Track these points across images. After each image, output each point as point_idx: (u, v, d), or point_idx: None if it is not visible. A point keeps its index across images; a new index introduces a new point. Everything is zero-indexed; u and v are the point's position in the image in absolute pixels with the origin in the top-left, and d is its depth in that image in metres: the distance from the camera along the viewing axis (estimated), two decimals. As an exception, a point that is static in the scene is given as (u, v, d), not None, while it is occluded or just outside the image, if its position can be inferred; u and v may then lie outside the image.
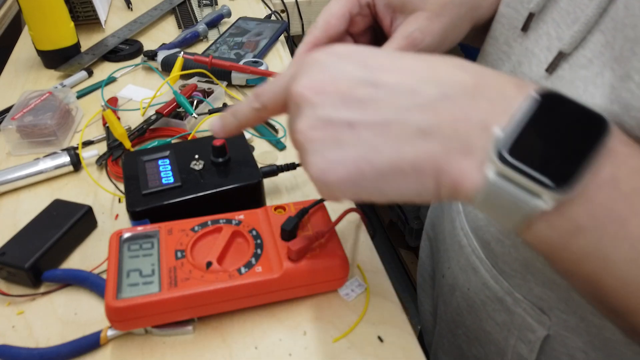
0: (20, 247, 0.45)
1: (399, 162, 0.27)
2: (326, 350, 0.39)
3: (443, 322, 0.54)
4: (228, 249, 0.42)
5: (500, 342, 0.44)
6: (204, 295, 0.38)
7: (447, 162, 0.26)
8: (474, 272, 0.45)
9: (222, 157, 0.49)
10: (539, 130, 0.24)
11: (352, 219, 0.50)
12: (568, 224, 0.25)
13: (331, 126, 0.28)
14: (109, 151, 0.59)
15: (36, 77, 0.78)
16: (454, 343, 0.52)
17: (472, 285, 0.46)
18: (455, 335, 0.51)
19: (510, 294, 0.41)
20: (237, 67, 0.70)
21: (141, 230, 0.42)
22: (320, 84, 0.29)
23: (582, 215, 0.24)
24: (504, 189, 0.25)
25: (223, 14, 0.92)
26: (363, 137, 0.27)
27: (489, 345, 0.46)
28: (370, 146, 0.27)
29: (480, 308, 0.45)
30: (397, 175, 0.27)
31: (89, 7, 0.90)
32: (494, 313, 0.44)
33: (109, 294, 0.37)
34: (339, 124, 0.28)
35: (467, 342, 0.49)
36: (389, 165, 0.27)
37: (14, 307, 0.43)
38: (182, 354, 0.39)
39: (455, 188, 0.26)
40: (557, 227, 0.25)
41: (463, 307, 0.48)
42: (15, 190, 0.56)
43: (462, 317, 0.49)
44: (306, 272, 0.40)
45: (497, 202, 0.25)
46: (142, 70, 0.79)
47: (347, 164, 0.28)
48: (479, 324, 0.46)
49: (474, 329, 0.47)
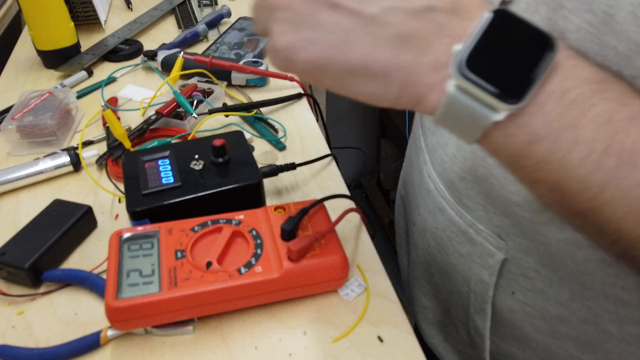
0: (20, 247, 0.45)
1: (372, 63, 0.27)
2: (326, 350, 0.39)
3: (417, 265, 0.58)
4: (228, 249, 0.42)
5: (466, 271, 0.48)
6: (204, 295, 0.38)
7: (417, 74, 0.27)
8: (440, 212, 0.49)
9: (222, 157, 0.49)
10: (492, 46, 0.26)
11: (352, 219, 0.50)
12: (524, 133, 0.27)
13: (314, 2, 0.28)
14: (109, 151, 0.59)
15: (36, 77, 0.78)
16: (429, 281, 0.56)
17: (439, 224, 0.50)
18: (429, 273, 0.56)
19: (473, 226, 0.45)
20: (237, 67, 0.70)
21: (141, 230, 0.42)
22: None
23: (537, 123, 0.27)
24: (462, 102, 0.27)
25: (223, 14, 0.92)
26: (343, 25, 0.27)
27: (457, 276, 0.50)
28: (347, 37, 0.27)
29: (448, 244, 0.50)
30: (365, 74, 0.28)
31: (89, 7, 0.90)
32: (459, 246, 0.48)
33: (109, 294, 0.37)
34: (322, 2, 0.28)
35: (440, 277, 0.54)
36: (360, 63, 0.27)
37: (14, 307, 0.43)
38: (182, 354, 0.39)
39: (418, 99, 0.28)
40: (515, 136, 0.27)
41: (433, 246, 0.52)
42: (15, 190, 0.56)
43: (433, 255, 0.53)
44: (306, 272, 0.40)
45: (457, 114, 0.27)
46: (142, 70, 0.79)
47: (320, 47, 0.28)
48: (447, 258, 0.50)
49: (443, 265, 0.52)
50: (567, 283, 0.41)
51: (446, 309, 0.55)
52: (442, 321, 0.58)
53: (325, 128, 0.71)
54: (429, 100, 0.28)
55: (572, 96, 0.27)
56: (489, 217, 0.44)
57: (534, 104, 0.26)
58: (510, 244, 0.43)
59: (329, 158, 0.59)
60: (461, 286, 0.50)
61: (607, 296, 0.39)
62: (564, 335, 0.44)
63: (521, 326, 0.46)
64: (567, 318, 0.43)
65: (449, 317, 0.55)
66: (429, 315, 0.59)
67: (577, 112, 0.26)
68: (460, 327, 0.53)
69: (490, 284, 0.46)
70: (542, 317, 0.44)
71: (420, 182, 0.54)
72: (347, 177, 0.58)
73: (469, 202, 0.45)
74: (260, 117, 0.65)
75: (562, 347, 0.45)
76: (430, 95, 0.27)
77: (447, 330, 0.57)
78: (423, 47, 0.27)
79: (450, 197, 0.48)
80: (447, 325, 0.56)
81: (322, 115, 0.72)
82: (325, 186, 0.55)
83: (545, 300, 0.43)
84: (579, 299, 0.41)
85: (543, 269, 0.42)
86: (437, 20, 0.27)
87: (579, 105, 0.27)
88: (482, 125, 0.27)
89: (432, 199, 0.51)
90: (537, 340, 0.46)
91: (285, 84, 0.73)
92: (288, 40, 0.28)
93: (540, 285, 0.43)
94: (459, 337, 0.55)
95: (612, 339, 0.42)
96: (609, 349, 0.42)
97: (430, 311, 0.59)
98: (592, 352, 0.44)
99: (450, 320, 0.55)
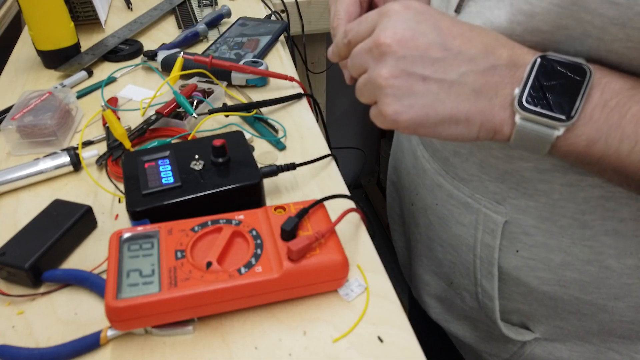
0: (20, 247, 0.45)
1: (456, 113, 0.36)
2: (326, 350, 0.39)
3: (419, 243, 0.63)
4: (228, 249, 0.42)
5: (470, 239, 0.53)
6: (204, 295, 0.38)
7: (491, 114, 0.36)
8: (439, 188, 0.55)
9: (222, 157, 0.49)
10: (543, 81, 0.35)
11: (352, 219, 0.50)
12: (582, 140, 0.35)
13: (409, 77, 0.36)
14: (109, 151, 0.59)
15: (36, 77, 0.78)
16: (431, 257, 0.61)
17: (439, 200, 0.55)
18: (431, 249, 0.61)
19: (472, 197, 0.51)
20: (237, 67, 0.70)
21: (141, 230, 0.42)
22: (403, 39, 0.36)
23: (590, 130, 0.35)
24: (529, 128, 0.36)
25: (223, 14, 0.92)
26: (432, 90, 0.36)
27: (461, 246, 0.55)
28: (436, 98, 0.36)
29: (449, 217, 0.55)
30: (452, 122, 0.37)
31: (89, 7, 0.90)
32: (461, 217, 0.53)
33: (109, 294, 0.37)
34: (416, 77, 0.36)
35: (443, 251, 0.58)
36: (448, 115, 0.36)
37: (14, 307, 0.43)
38: (182, 354, 0.39)
39: (494, 132, 0.37)
40: (576, 144, 0.36)
41: (435, 222, 0.57)
42: (15, 190, 0.56)
43: (435, 231, 0.58)
44: (306, 272, 0.40)
45: (527, 138, 0.36)
46: (142, 70, 0.79)
47: (417, 109, 0.37)
48: (450, 231, 0.55)
49: (446, 238, 0.57)
50: (567, 230, 0.46)
51: (449, 281, 0.59)
52: (444, 294, 0.61)
53: (325, 128, 0.71)
54: (503, 132, 0.37)
55: (612, 104, 0.35)
56: (485, 185, 0.49)
57: (584, 117, 0.35)
58: (508, 207, 0.48)
59: (329, 158, 0.59)
60: (466, 255, 0.54)
61: (607, 231, 0.45)
62: (569, 280, 0.48)
63: (527, 281, 0.50)
64: (571, 262, 0.47)
65: (453, 288, 0.59)
66: (430, 290, 0.64)
67: (618, 116, 0.34)
68: (466, 295, 0.57)
69: (494, 247, 0.50)
70: (547, 268, 0.49)
71: (414, 164, 0.60)
72: (347, 177, 0.59)
73: (465, 175, 0.51)
74: (260, 117, 0.65)
75: (567, 293, 0.49)
76: (504, 128, 0.37)
77: (451, 301, 0.61)
78: (492, 95, 0.36)
79: (447, 172, 0.53)
80: (451, 297, 0.60)
81: (322, 115, 0.72)
82: (325, 186, 0.55)
83: (548, 252, 0.48)
84: (580, 242, 0.46)
85: (542, 224, 0.47)
86: (500, 73, 0.36)
87: (619, 110, 0.35)
88: (548, 141, 0.36)
89: (429, 178, 0.56)
90: (543, 291, 0.50)
91: (285, 84, 0.73)
92: (393, 108, 0.37)
93: (542, 239, 0.48)
94: (465, 306, 0.59)
95: (613, 274, 0.47)
96: (611, 284, 0.47)
97: (432, 287, 0.63)
98: (596, 291, 0.48)
99: (455, 292, 0.59)
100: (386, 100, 0.37)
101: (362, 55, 0.39)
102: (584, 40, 0.36)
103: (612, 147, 0.35)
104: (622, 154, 0.35)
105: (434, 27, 0.37)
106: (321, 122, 0.69)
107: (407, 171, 0.62)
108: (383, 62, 0.37)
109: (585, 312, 0.50)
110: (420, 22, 0.37)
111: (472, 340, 0.60)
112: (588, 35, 0.36)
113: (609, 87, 0.35)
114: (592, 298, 0.48)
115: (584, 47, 0.37)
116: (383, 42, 0.37)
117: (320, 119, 0.70)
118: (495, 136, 0.37)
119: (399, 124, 0.37)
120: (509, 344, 0.56)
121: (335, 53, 0.45)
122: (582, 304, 0.49)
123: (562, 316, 0.51)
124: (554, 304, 0.50)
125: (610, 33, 0.35)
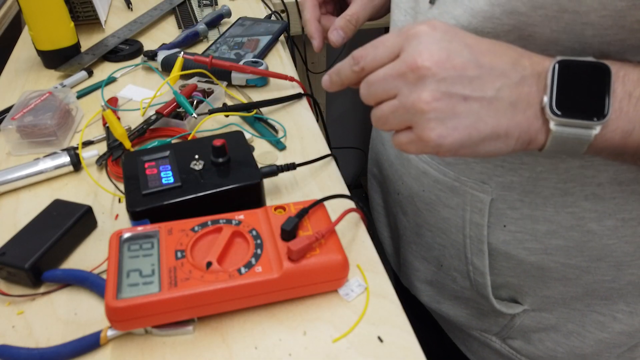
0: (20, 247, 0.45)
1: (497, 129, 0.36)
2: (326, 350, 0.39)
3: (408, 230, 0.64)
4: (228, 249, 0.42)
5: (458, 221, 0.55)
6: (204, 295, 0.38)
7: (527, 126, 0.37)
8: (425, 175, 0.56)
9: (222, 157, 0.49)
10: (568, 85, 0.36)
11: (352, 219, 0.50)
12: (618, 133, 0.36)
13: (451, 98, 0.36)
14: (109, 151, 0.59)
15: (36, 77, 0.78)
16: (420, 243, 0.63)
17: (425, 187, 0.57)
18: (420, 235, 0.62)
19: (457, 180, 0.52)
20: (237, 67, 0.70)
21: (141, 230, 0.42)
22: (441, 60, 0.36)
23: (623, 123, 0.36)
24: (566, 133, 0.36)
25: (223, 14, 0.92)
26: (473, 109, 0.36)
27: (450, 228, 0.56)
28: (478, 117, 0.36)
29: (436, 202, 0.56)
30: (493, 139, 0.37)
31: (89, 7, 0.90)
32: (448, 200, 0.54)
33: (109, 294, 0.37)
34: (458, 98, 0.36)
35: (432, 236, 0.60)
36: (490, 132, 0.36)
37: (14, 307, 0.43)
38: (182, 354, 0.39)
39: (529, 142, 0.37)
40: (612, 138, 0.36)
41: (422, 208, 0.59)
42: (15, 190, 0.56)
43: (423, 217, 0.60)
44: (306, 272, 0.40)
45: (564, 141, 0.37)
46: (142, 70, 0.79)
47: (461, 130, 0.36)
48: (438, 215, 0.57)
49: (434, 222, 0.58)
50: (550, 199, 0.48)
51: (439, 265, 0.62)
52: (434, 277, 0.63)
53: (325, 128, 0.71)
54: (538, 140, 0.37)
55: (637, 94, 0.36)
56: (471, 167, 0.50)
57: (614, 111, 0.36)
58: (493, 186, 0.50)
59: (329, 158, 0.59)
60: (456, 236, 0.56)
61: (587, 196, 0.47)
62: (554, 247, 0.51)
63: (515, 254, 0.53)
64: (555, 230, 0.50)
65: (443, 270, 0.61)
66: (420, 275, 0.66)
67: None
68: (457, 276, 0.60)
69: (483, 225, 0.52)
70: (533, 239, 0.51)
71: (398, 154, 0.61)
72: (347, 177, 0.59)
73: (450, 159, 0.52)
74: (260, 117, 0.65)
75: (553, 260, 0.52)
76: (538, 137, 0.37)
77: (442, 283, 0.63)
78: (525, 106, 0.36)
79: (431, 159, 0.54)
80: (441, 279, 0.62)
81: (322, 115, 0.72)
82: (325, 186, 0.55)
83: (534, 223, 0.50)
84: (562, 209, 0.49)
85: (527, 197, 0.49)
86: (529, 83, 0.37)
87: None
88: (586, 142, 0.36)
89: (413, 167, 0.57)
90: (531, 262, 0.53)
91: (285, 84, 0.73)
92: (438, 132, 0.36)
93: (527, 211, 0.50)
94: (456, 286, 0.61)
95: (594, 237, 0.49)
96: (593, 247, 0.50)
97: (421, 272, 0.65)
98: (579, 254, 0.51)
99: (446, 273, 0.61)
100: (429, 125, 0.36)
101: (389, 81, 0.37)
102: (559, 17, 0.38)
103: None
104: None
105: (464, 45, 0.37)
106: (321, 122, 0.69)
107: (390, 162, 0.63)
108: (422, 85, 0.36)
109: (570, 277, 0.52)
110: (451, 42, 0.36)
111: (463, 318, 0.63)
112: (564, 10, 0.37)
113: (628, 78, 0.36)
114: (576, 262, 0.51)
115: (559, 25, 0.38)
116: (422, 66, 0.35)
117: (320, 119, 0.70)
118: (529, 146, 0.38)
119: (442, 148, 0.36)
120: (500, 318, 0.59)
121: (336, 82, 0.42)
122: (567, 269, 0.52)
123: (549, 284, 0.54)
124: (540, 273, 0.53)
125: (586, 3, 0.37)
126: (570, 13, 0.37)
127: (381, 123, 0.39)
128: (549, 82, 0.36)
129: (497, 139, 0.37)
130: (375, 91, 0.39)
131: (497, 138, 0.37)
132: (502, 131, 0.36)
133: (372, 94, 0.39)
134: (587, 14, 0.37)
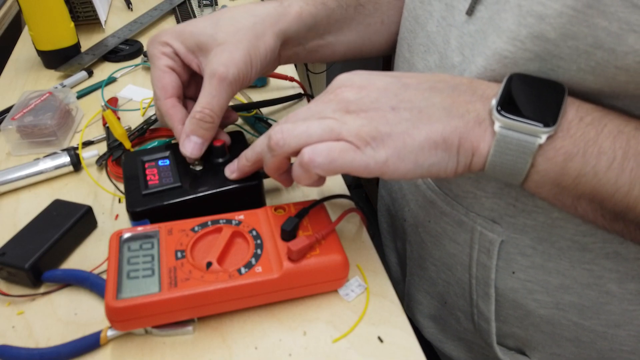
0: (20, 247, 0.45)
1: (432, 134, 0.35)
2: (326, 351, 0.39)
3: (411, 261, 0.60)
4: (228, 249, 0.42)
5: (465, 259, 0.50)
6: (204, 296, 0.38)
7: (467, 131, 0.35)
8: (431, 205, 0.51)
9: (222, 158, 0.49)
10: (517, 94, 0.35)
11: (352, 219, 0.50)
12: (560, 154, 0.34)
13: (378, 111, 0.37)
14: (109, 151, 0.59)
15: (36, 77, 0.78)
16: (423, 277, 0.58)
17: (431, 217, 0.52)
18: (423, 268, 0.58)
19: (466, 215, 0.48)
20: (237, 67, 0.70)
21: (141, 230, 0.42)
22: (362, 84, 0.38)
23: (567, 144, 0.34)
24: (510, 136, 0.34)
25: (223, 14, 0.92)
26: (404, 117, 0.36)
27: (456, 265, 0.52)
28: (410, 123, 0.36)
29: (443, 235, 0.52)
30: (432, 147, 0.36)
31: (89, 7, 0.90)
32: (455, 236, 0.50)
33: (109, 294, 0.37)
34: (384, 110, 0.36)
35: (436, 270, 0.56)
36: (425, 138, 0.35)
37: (14, 307, 0.43)
38: (182, 354, 0.39)
39: (472, 151, 0.36)
40: (554, 159, 0.34)
41: (427, 240, 0.54)
42: (15, 190, 0.56)
43: (427, 250, 0.55)
44: (306, 272, 0.40)
45: (506, 149, 0.35)
46: (142, 71, 0.79)
47: (395, 139, 0.36)
48: (444, 250, 0.52)
49: (440, 257, 0.54)
50: (566, 252, 0.44)
51: (442, 302, 0.57)
52: (438, 314, 0.59)
53: (325, 128, 0.71)
54: (481, 149, 0.36)
55: (588, 120, 0.34)
56: (481, 202, 0.46)
57: (562, 130, 0.34)
58: (504, 226, 0.45)
59: (329, 158, 0.58)
60: (461, 274, 0.52)
61: (607, 254, 0.42)
62: (567, 304, 0.46)
63: (524, 304, 0.48)
64: (569, 286, 0.45)
65: (447, 308, 0.57)
66: (423, 310, 0.61)
67: (595, 131, 0.34)
68: (461, 316, 0.55)
69: (491, 267, 0.48)
70: (544, 291, 0.47)
71: None
72: (347, 177, 0.58)
73: (459, 191, 0.47)
74: (260, 117, 0.65)
75: (566, 317, 0.47)
76: (481, 144, 0.35)
77: (445, 321, 0.58)
78: (464, 111, 0.36)
79: (439, 189, 0.50)
80: (445, 316, 0.58)
81: (322, 116, 0.72)
82: (325, 186, 0.55)
83: (546, 274, 0.46)
84: (579, 265, 0.44)
85: (540, 245, 0.45)
86: (464, 92, 0.37)
87: (595, 126, 0.34)
88: (530, 150, 0.34)
89: (421, 194, 0.53)
90: (540, 315, 0.48)
91: (285, 84, 0.73)
92: (379, 152, 0.36)
93: (539, 261, 0.45)
94: (460, 327, 0.56)
95: (613, 300, 0.44)
96: (611, 310, 0.45)
97: (425, 306, 0.61)
98: (595, 316, 0.46)
99: (450, 312, 0.56)
100: (365, 149, 0.36)
101: (320, 123, 0.37)
102: (592, 54, 0.33)
103: (590, 164, 0.34)
104: (600, 170, 0.34)
105: (385, 75, 0.39)
106: (321, 122, 0.68)
107: (399, 186, 0.59)
108: (350, 116, 0.37)
109: (583, 340, 0.48)
110: (372, 74, 0.39)
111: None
112: (599, 46, 0.33)
113: (583, 106, 0.35)
114: (591, 324, 0.46)
115: (589, 64, 0.34)
116: (345, 98, 0.38)
117: (320, 119, 0.70)
118: (474, 157, 0.36)
119: (380, 159, 0.36)
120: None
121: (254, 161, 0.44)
122: (581, 331, 0.47)
123: (560, 343, 0.49)
124: (551, 329, 0.49)
125: (626, 43, 0.32)
126: (605, 51, 0.33)
127: (306, 137, 0.38)
128: (501, 88, 0.36)
129: (435, 147, 0.36)
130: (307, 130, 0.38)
131: (436, 146, 0.36)
132: (439, 137, 0.35)
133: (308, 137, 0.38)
134: (624, 56, 0.32)
